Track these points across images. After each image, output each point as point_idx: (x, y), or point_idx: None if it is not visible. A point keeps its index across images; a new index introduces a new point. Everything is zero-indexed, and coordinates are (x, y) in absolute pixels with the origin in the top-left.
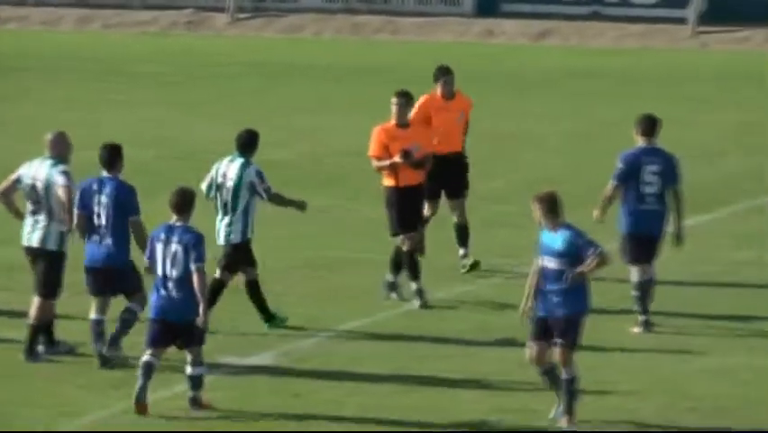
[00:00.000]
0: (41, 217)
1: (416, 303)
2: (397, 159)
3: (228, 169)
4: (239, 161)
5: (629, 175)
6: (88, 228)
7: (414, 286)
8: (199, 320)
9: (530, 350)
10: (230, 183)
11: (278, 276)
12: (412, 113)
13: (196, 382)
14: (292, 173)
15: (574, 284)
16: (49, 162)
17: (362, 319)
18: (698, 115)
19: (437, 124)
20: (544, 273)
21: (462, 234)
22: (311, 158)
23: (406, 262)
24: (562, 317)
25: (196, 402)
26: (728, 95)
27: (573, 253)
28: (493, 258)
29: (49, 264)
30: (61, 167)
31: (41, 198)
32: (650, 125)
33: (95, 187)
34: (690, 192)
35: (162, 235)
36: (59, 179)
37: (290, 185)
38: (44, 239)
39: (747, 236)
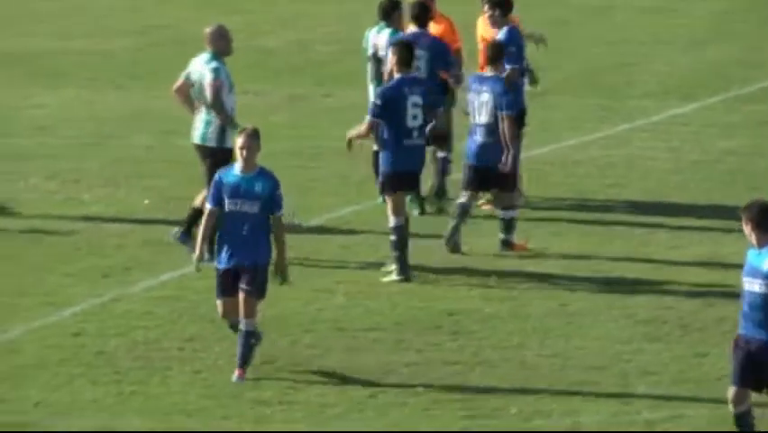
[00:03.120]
0: (203, 114)
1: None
2: None
3: (378, 39)
4: (387, 30)
5: None
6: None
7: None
8: (502, 165)
9: (221, 306)
10: (382, 53)
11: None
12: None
13: (506, 224)
14: (281, 60)
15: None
16: (205, 57)
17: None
18: (681, 3)
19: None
20: (244, 219)
21: None
22: (298, 45)
23: None
24: (248, 266)
25: (507, 244)
26: None
27: (272, 199)
28: None
29: (209, 160)
30: (213, 63)
31: (199, 95)
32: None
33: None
34: (679, 80)
35: (475, 85)
36: (208, 77)
37: (282, 73)
38: (203, 136)
39: (734, 125)
